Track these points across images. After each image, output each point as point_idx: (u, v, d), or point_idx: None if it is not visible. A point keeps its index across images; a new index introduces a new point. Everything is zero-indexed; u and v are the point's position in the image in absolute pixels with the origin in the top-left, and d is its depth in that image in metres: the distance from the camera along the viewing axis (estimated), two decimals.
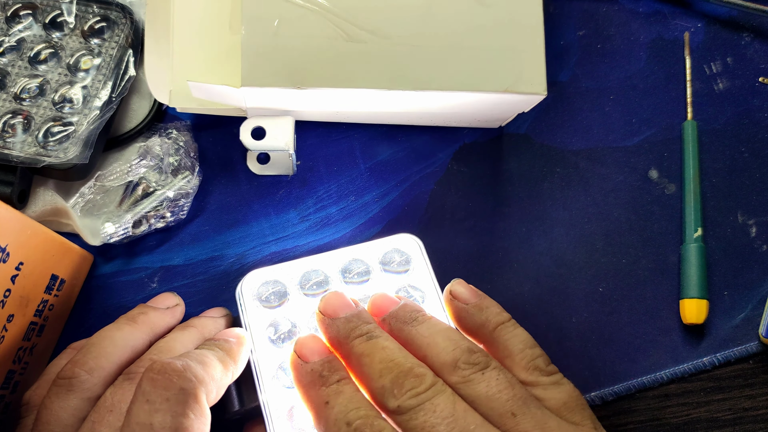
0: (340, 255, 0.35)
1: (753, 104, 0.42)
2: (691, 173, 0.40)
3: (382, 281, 0.35)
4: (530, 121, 0.41)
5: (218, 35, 0.35)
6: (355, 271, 0.35)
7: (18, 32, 0.37)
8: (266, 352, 0.33)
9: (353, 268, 0.35)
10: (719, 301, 0.39)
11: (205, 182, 0.39)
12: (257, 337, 0.33)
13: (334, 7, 0.33)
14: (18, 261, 0.31)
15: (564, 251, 0.40)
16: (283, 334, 0.33)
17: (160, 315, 0.32)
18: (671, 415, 0.38)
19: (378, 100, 0.35)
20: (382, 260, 0.35)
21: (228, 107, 0.36)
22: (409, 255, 0.35)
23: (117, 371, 0.29)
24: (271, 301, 0.34)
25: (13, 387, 0.33)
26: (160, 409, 0.25)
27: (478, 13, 0.35)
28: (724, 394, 0.38)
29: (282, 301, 0.34)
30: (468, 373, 0.27)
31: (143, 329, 0.31)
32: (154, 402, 0.25)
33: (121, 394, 0.27)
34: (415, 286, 0.35)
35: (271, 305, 0.34)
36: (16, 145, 0.35)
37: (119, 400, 0.27)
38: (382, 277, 0.35)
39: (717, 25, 0.43)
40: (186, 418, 0.25)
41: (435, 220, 0.40)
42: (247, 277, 0.34)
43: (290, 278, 0.34)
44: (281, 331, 0.33)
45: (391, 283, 0.35)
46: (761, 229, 0.40)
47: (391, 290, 0.34)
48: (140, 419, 0.25)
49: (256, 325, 0.33)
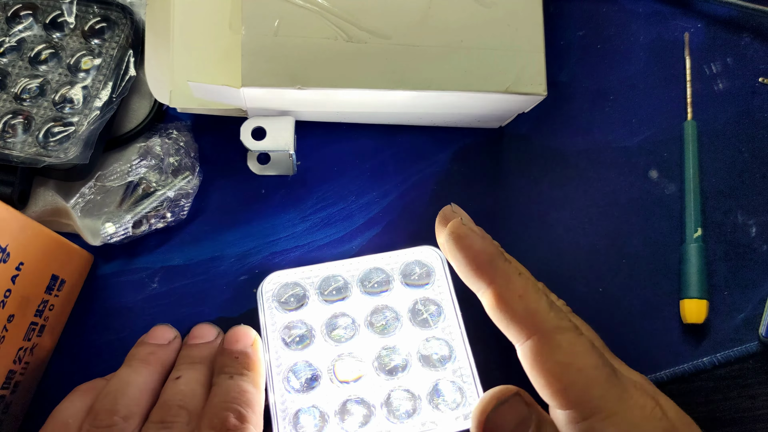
0: (360, 262, 0.35)
1: (753, 104, 0.42)
2: (691, 173, 0.40)
3: (401, 293, 0.35)
4: (530, 121, 0.41)
5: (218, 35, 0.35)
6: (374, 280, 0.35)
7: (18, 32, 0.37)
8: (279, 354, 0.33)
9: (373, 277, 0.35)
10: (719, 301, 0.39)
11: (205, 182, 0.39)
12: (272, 338, 0.33)
13: (334, 7, 0.34)
14: (18, 261, 0.31)
15: (564, 251, 0.40)
16: (297, 338, 0.33)
17: (167, 351, 0.33)
18: None
19: (378, 100, 0.35)
20: (403, 271, 0.35)
21: (228, 107, 0.36)
22: (431, 267, 0.35)
23: (145, 415, 0.30)
24: (290, 303, 0.34)
25: (14, 387, 0.33)
26: None
27: (478, 13, 0.35)
28: (724, 394, 0.38)
29: (300, 304, 0.34)
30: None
31: (157, 369, 0.32)
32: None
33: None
34: (434, 300, 0.35)
35: (290, 308, 0.34)
36: (16, 145, 0.35)
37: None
38: (402, 290, 0.35)
39: (717, 25, 0.44)
40: None
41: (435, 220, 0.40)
42: (268, 278, 0.34)
43: (310, 282, 0.35)
44: (295, 334, 0.33)
45: (410, 296, 0.35)
46: (761, 229, 0.40)
47: (408, 302, 0.35)
48: None
49: (273, 325, 0.33)
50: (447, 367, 0.33)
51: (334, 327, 0.34)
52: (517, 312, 0.27)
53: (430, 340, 0.34)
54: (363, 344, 0.34)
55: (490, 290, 0.28)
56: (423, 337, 0.34)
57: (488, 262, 0.28)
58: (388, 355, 0.33)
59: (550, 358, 0.26)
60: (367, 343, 0.34)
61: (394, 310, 0.34)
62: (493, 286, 0.28)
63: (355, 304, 0.35)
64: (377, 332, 0.34)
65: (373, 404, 0.32)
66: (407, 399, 0.32)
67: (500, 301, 0.27)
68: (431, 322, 0.34)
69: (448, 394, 0.33)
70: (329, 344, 0.34)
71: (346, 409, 0.32)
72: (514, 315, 0.27)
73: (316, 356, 0.33)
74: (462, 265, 0.29)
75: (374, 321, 0.34)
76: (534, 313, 0.27)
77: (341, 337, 0.34)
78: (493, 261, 0.28)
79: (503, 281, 0.28)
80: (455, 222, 0.29)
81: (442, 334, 0.34)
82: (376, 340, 0.34)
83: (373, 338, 0.34)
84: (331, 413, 0.32)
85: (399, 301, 0.35)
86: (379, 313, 0.34)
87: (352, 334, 0.34)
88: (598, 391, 0.26)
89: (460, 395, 0.33)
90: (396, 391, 0.33)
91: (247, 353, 0.32)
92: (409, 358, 0.33)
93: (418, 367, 0.33)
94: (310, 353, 0.33)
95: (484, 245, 0.29)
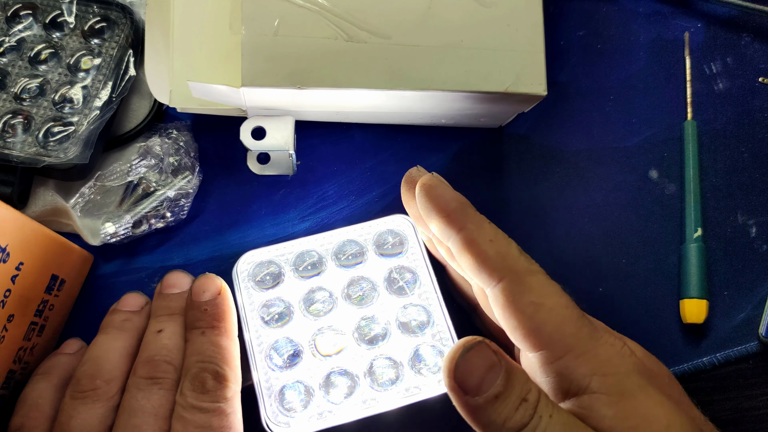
0: (333, 236, 0.35)
1: (753, 104, 0.42)
2: (691, 173, 0.40)
3: (376, 263, 0.35)
4: (530, 121, 0.41)
5: (218, 35, 0.35)
6: (348, 252, 0.35)
7: (18, 32, 0.37)
8: (259, 332, 0.33)
9: (347, 249, 0.35)
10: (719, 301, 0.39)
11: (205, 182, 0.39)
12: (251, 317, 0.33)
13: (334, 6, 0.33)
14: (18, 261, 0.31)
15: (564, 251, 0.40)
16: (276, 315, 0.34)
17: (141, 318, 0.33)
18: None
19: (378, 100, 0.35)
20: (376, 241, 0.35)
21: (228, 107, 0.36)
22: (404, 236, 0.35)
23: (125, 378, 0.31)
24: (265, 282, 0.34)
25: (14, 387, 0.33)
26: (215, 415, 0.29)
27: (478, 13, 0.35)
28: (724, 394, 0.38)
29: (276, 282, 0.34)
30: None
31: (133, 335, 0.33)
32: (208, 408, 0.29)
33: (157, 399, 0.30)
34: (408, 268, 0.35)
35: (266, 286, 0.34)
36: (16, 145, 0.35)
37: (159, 404, 0.30)
38: (376, 260, 0.35)
39: (717, 25, 0.43)
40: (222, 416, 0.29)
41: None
42: (242, 258, 0.34)
43: (285, 259, 0.35)
44: (274, 312, 0.34)
45: (385, 265, 0.35)
46: (761, 229, 0.40)
47: (384, 271, 0.35)
48: (199, 422, 0.29)
49: (250, 305, 0.34)
50: (426, 332, 0.34)
51: (311, 302, 0.34)
52: (488, 255, 0.27)
53: (407, 307, 0.34)
54: (342, 317, 0.34)
55: (461, 235, 0.28)
56: (401, 305, 0.34)
57: (459, 209, 0.29)
58: (368, 325, 0.34)
59: (522, 298, 0.26)
60: (345, 315, 0.34)
61: (371, 281, 0.35)
62: (464, 231, 0.28)
63: (332, 277, 0.35)
64: (355, 304, 0.34)
65: (356, 374, 0.33)
66: (390, 367, 0.33)
67: (471, 244, 0.28)
68: (407, 289, 0.35)
69: (429, 359, 0.33)
70: (308, 319, 0.34)
71: (330, 382, 0.33)
72: (486, 258, 0.27)
73: (297, 332, 0.34)
74: (433, 213, 0.29)
75: (351, 293, 0.34)
76: (505, 255, 0.27)
77: (320, 311, 0.34)
78: (464, 208, 0.29)
79: (474, 226, 0.28)
80: (426, 175, 0.30)
81: (418, 300, 0.34)
82: (355, 312, 0.34)
83: (351, 310, 0.34)
84: (316, 387, 0.33)
85: (374, 272, 0.35)
86: (355, 284, 0.34)
87: (330, 307, 0.34)
88: (570, 329, 0.26)
89: (441, 358, 0.33)
90: (378, 359, 0.33)
91: (215, 303, 0.32)
92: (388, 326, 0.34)
93: (397, 334, 0.34)
94: (290, 329, 0.34)
95: (455, 194, 0.29)
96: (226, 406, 0.29)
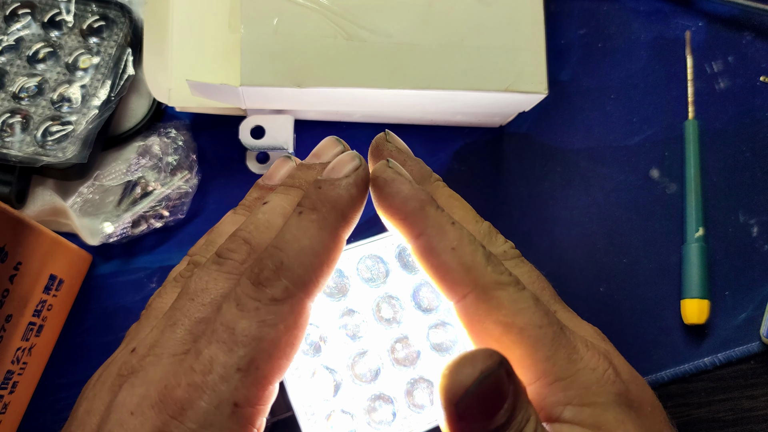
0: (357, 251, 0.34)
1: (754, 103, 0.42)
2: (692, 172, 0.40)
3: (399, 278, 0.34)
4: (531, 120, 0.41)
5: (217, 34, 0.35)
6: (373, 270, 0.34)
7: (16, 31, 0.37)
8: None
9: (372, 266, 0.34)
10: (720, 301, 0.39)
11: (204, 182, 0.39)
12: None
13: (333, 5, 0.33)
14: (16, 261, 0.31)
15: (565, 251, 0.39)
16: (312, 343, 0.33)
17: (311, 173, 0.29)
18: (672, 415, 0.38)
19: (378, 99, 0.35)
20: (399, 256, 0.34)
21: (227, 106, 0.36)
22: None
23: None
24: None
25: (12, 387, 0.33)
26: (246, 316, 0.22)
27: (478, 12, 0.34)
28: (726, 394, 0.38)
29: None
30: None
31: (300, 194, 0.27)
32: (245, 306, 0.22)
33: (205, 283, 0.24)
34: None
35: None
36: (14, 144, 0.35)
37: (203, 289, 0.24)
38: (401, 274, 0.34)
39: (718, 24, 0.43)
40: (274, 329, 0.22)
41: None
42: None
43: None
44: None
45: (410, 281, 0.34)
46: (763, 229, 0.40)
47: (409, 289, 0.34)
48: (226, 320, 0.22)
49: None
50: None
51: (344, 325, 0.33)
52: (449, 267, 0.24)
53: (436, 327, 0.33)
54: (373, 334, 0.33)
55: (419, 242, 0.24)
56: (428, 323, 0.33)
57: (418, 210, 0.24)
58: (389, 305, 0.33)
59: (488, 317, 0.23)
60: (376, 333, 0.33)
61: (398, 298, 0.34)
62: (423, 237, 0.24)
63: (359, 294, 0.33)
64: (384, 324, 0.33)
65: (394, 397, 0.32)
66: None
67: (431, 254, 0.24)
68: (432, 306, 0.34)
69: None
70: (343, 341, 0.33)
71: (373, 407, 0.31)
72: (447, 271, 0.24)
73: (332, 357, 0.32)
74: (388, 214, 0.25)
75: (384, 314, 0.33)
76: (470, 267, 0.23)
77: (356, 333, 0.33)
78: (423, 208, 0.24)
79: (434, 231, 0.24)
80: (380, 165, 0.25)
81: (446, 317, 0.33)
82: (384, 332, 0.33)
83: (381, 329, 0.33)
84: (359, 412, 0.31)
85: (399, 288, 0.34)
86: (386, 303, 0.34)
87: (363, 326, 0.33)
88: (543, 353, 0.23)
89: None
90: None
91: (335, 184, 0.25)
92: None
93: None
94: (325, 355, 0.32)
95: (414, 191, 0.25)
96: (267, 311, 0.22)
